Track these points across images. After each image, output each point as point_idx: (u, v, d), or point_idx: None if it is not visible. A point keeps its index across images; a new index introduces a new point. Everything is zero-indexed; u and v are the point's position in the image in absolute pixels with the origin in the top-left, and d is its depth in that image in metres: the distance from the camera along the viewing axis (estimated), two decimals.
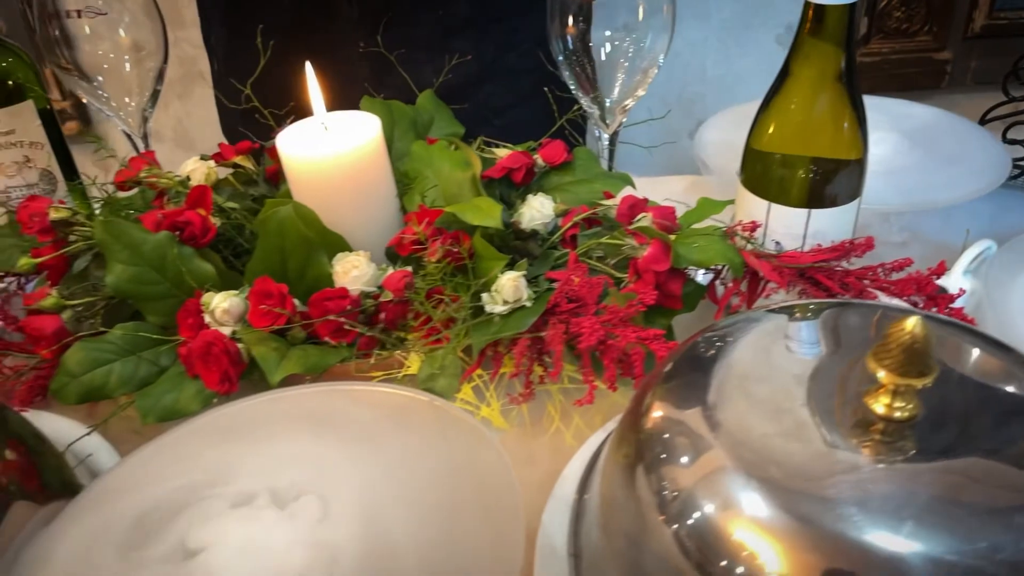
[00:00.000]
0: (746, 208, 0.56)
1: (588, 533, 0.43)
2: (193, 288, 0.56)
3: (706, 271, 0.59)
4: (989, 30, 1.45)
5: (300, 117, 0.68)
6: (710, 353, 0.42)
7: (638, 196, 0.59)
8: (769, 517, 0.34)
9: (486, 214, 0.54)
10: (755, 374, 0.40)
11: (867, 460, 0.34)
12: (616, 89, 0.66)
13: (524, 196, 0.62)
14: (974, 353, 0.39)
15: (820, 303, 0.45)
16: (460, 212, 0.55)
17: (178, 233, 0.57)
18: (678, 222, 0.57)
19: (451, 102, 0.75)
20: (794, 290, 0.54)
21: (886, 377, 0.33)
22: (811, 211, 0.53)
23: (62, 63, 0.70)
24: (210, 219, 0.57)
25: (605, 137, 0.69)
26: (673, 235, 0.55)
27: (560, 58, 0.66)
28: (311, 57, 0.71)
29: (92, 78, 0.70)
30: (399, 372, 0.54)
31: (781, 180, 0.54)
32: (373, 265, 0.56)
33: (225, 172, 0.69)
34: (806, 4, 0.50)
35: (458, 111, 0.74)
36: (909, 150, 0.72)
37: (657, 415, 0.40)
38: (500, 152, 0.66)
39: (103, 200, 0.64)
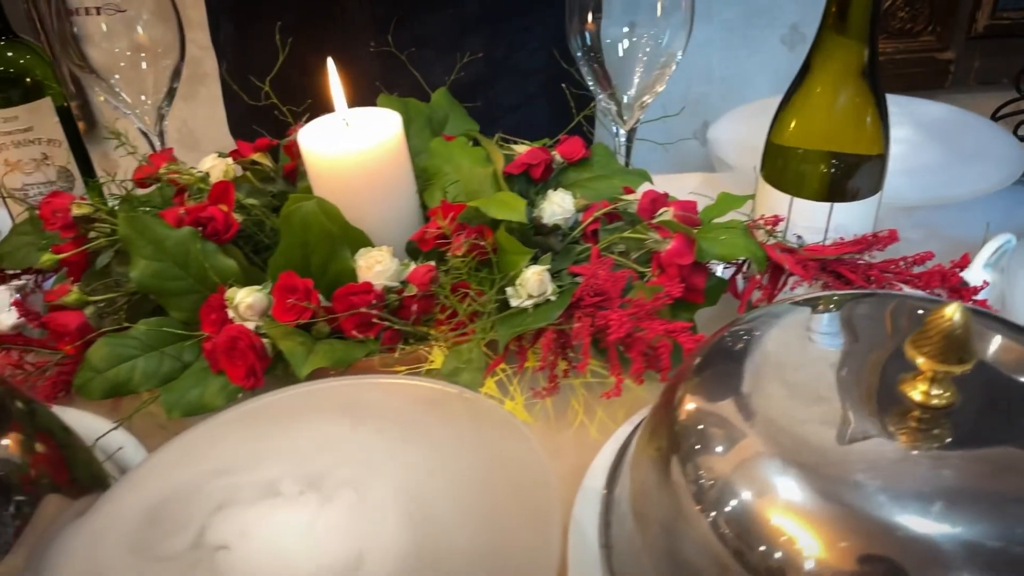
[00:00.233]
0: (767, 202, 0.57)
1: (619, 525, 0.43)
2: (216, 284, 0.56)
3: (727, 265, 0.59)
4: (992, 30, 1.46)
5: (314, 115, 0.68)
6: (741, 344, 0.42)
7: (658, 191, 0.59)
8: (807, 503, 0.34)
9: (511, 208, 0.54)
10: (788, 364, 0.40)
11: (904, 447, 0.34)
12: (634, 85, 0.66)
13: (542, 192, 0.62)
14: (1007, 343, 0.39)
15: (846, 294, 0.46)
16: (484, 206, 0.55)
17: (201, 229, 0.57)
18: (699, 217, 0.58)
19: (461, 101, 0.75)
20: (816, 284, 0.55)
21: (925, 364, 0.33)
22: (833, 205, 0.54)
23: (77, 61, 0.70)
24: (232, 215, 0.57)
25: (623, 133, 0.69)
26: (695, 229, 0.55)
27: (578, 54, 0.66)
28: (321, 56, 0.71)
29: (108, 76, 0.70)
30: (423, 367, 0.54)
31: (803, 174, 0.54)
32: (396, 260, 0.56)
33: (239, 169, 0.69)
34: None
35: (468, 110, 0.75)
36: (924, 146, 0.72)
37: (691, 407, 0.40)
38: (519, 148, 0.66)
39: (121, 197, 0.64)
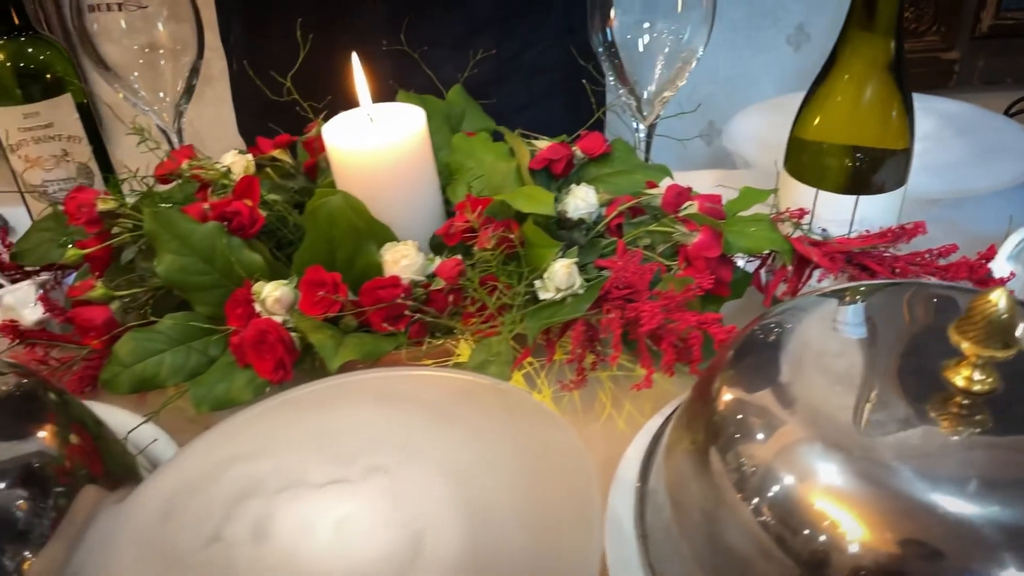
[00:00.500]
0: (792, 196, 0.57)
1: (655, 515, 0.43)
2: (242, 278, 0.56)
3: (750, 258, 0.59)
4: (996, 30, 1.47)
5: (331, 112, 0.68)
6: (775, 335, 0.42)
7: (682, 185, 0.60)
8: (850, 489, 0.34)
9: (538, 201, 0.54)
10: (826, 352, 0.40)
11: (946, 433, 0.35)
12: (654, 81, 0.66)
13: (563, 187, 0.62)
14: None
15: (876, 284, 0.46)
16: (511, 200, 0.55)
17: (226, 224, 0.57)
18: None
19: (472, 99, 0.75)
20: (841, 276, 0.55)
21: (969, 348, 0.33)
22: (859, 198, 0.54)
23: (96, 57, 0.70)
24: (258, 209, 0.58)
25: (642, 129, 0.69)
26: (720, 223, 0.55)
27: (599, 50, 0.66)
28: (333, 55, 0.71)
29: (128, 73, 0.70)
30: (450, 360, 0.55)
31: (829, 168, 0.54)
32: (422, 254, 0.57)
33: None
34: None
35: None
36: (943, 141, 0.72)
37: (729, 397, 0.40)
38: (539, 144, 0.67)
39: (142, 193, 0.64)
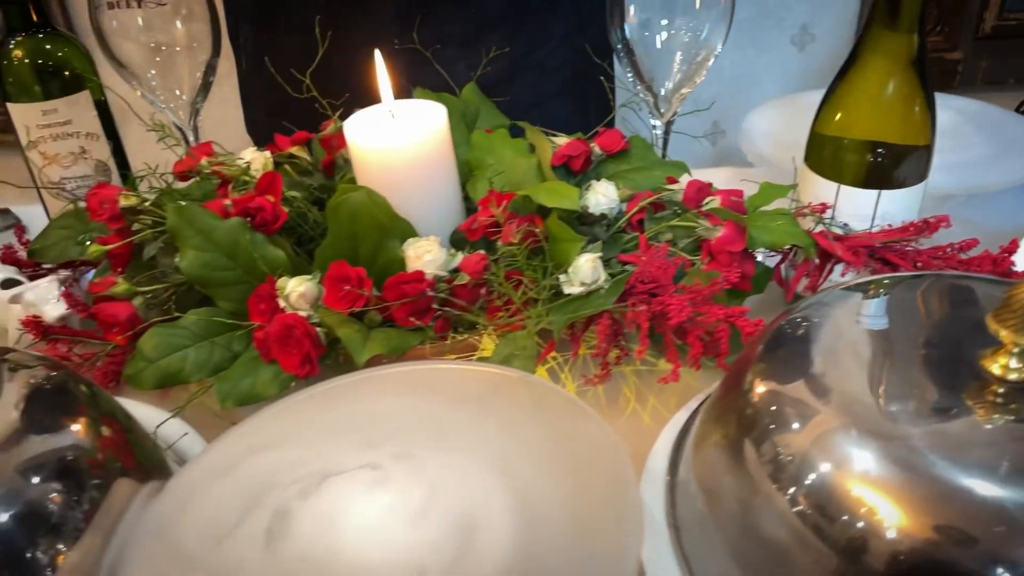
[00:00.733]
0: (813, 191, 0.57)
1: (687, 506, 0.44)
2: (265, 274, 0.56)
3: (770, 254, 0.59)
4: (1000, 31, 1.48)
5: (347, 109, 0.68)
6: (805, 328, 0.43)
7: (702, 181, 0.60)
8: (887, 476, 0.34)
9: (562, 196, 0.55)
10: (859, 343, 0.41)
11: (983, 420, 0.35)
12: (673, 78, 0.67)
13: (580, 184, 0.63)
14: None
15: (900, 276, 0.46)
16: (535, 195, 0.55)
17: (249, 219, 0.57)
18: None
19: None
20: (862, 271, 0.55)
21: (1008, 337, 0.34)
22: (881, 192, 0.54)
23: (114, 53, 0.70)
24: (280, 205, 0.58)
25: (660, 125, 0.70)
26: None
27: (618, 47, 0.67)
28: (344, 54, 0.71)
29: (145, 70, 0.70)
30: (474, 355, 0.55)
31: (852, 163, 0.55)
32: (444, 249, 0.57)
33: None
34: None
35: None
36: (957, 137, 0.73)
37: (762, 389, 0.40)
38: (557, 141, 0.67)
39: (160, 190, 0.64)
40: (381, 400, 0.43)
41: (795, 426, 0.38)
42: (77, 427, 0.41)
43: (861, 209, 0.55)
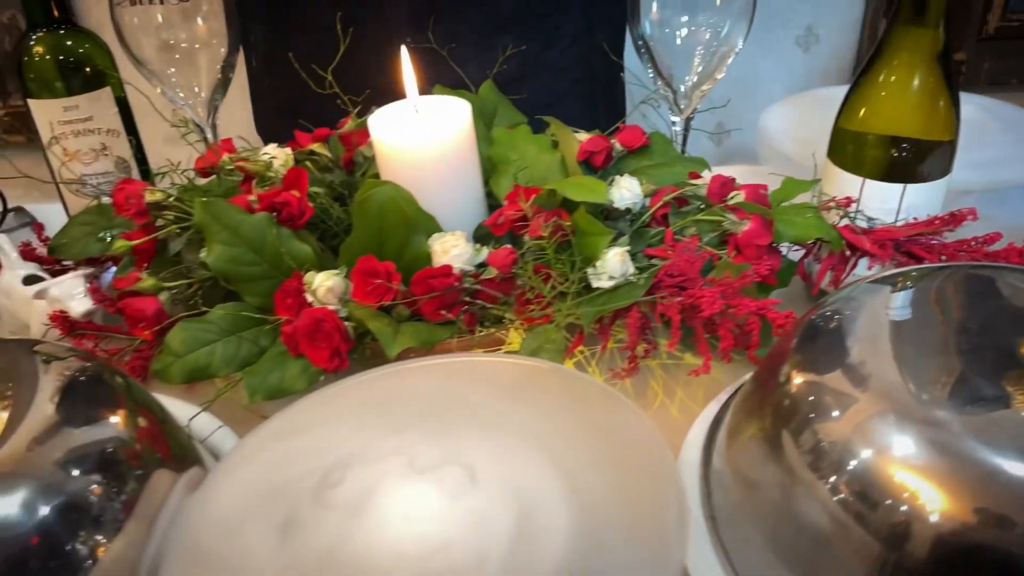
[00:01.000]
0: (836, 185, 0.58)
1: (722, 496, 0.44)
2: (291, 269, 0.56)
3: (794, 247, 0.60)
4: (1003, 32, 1.49)
5: (365, 107, 0.69)
6: (840, 319, 0.43)
7: (725, 175, 0.60)
8: (928, 462, 0.35)
9: (591, 190, 0.55)
10: (895, 333, 0.41)
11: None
12: (693, 75, 0.67)
13: (603, 179, 0.63)
14: None
15: (929, 268, 0.46)
16: (563, 189, 0.55)
17: (275, 214, 0.57)
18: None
19: None
20: (888, 264, 0.56)
21: None
22: (906, 186, 0.55)
23: (133, 50, 0.70)
24: (306, 200, 0.58)
25: (679, 122, 0.70)
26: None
27: (639, 43, 0.67)
28: (357, 52, 0.71)
29: (164, 67, 0.70)
30: (501, 349, 0.55)
31: (877, 158, 0.55)
32: (470, 244, 0.57)
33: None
34: None
35: None
36: (974, 133, 0.73)
37: (799, 380, 0.41)
38: (578, 137, 0.67)
39: (182, 187, 0.64)
40: (419, 390, 0.43)
41: (835, 414, 0.38)
42: (116, 418, 0.41)
43: (886, 203, 0.55)
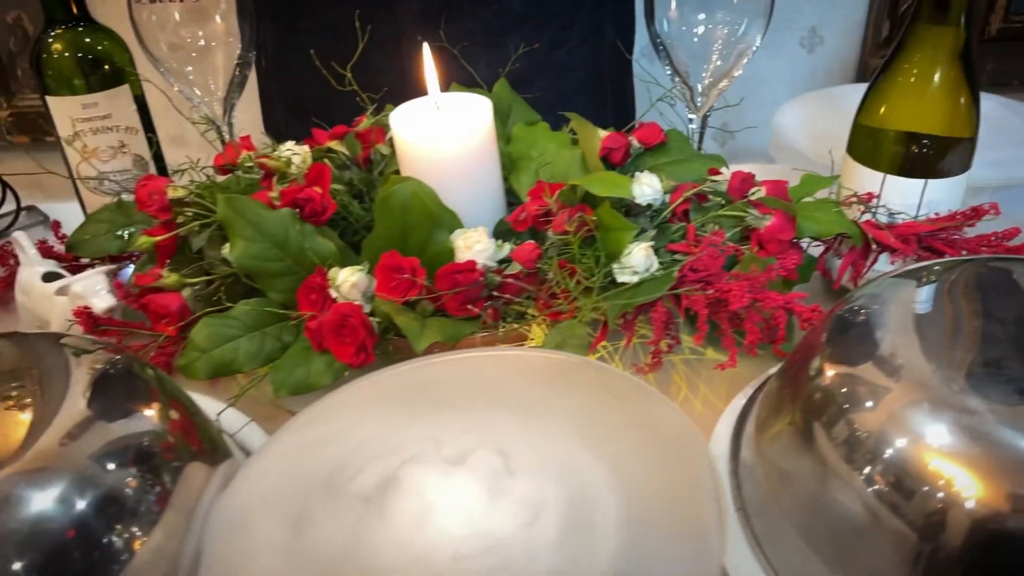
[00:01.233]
0: (857, 180, 0.58)
1: (753, 488, 0.44)
2: (314, 265, 0.56)
3: (815, 243, 0.60)
4: (1005, 33, 1.50)
5: (379, 105, 0.69)
6: (868, 312, 0.43)
7: (745, 171, 0.61)
8: (966, 448, 0.35)
9: (615, 186, 0.55)
10: (925, 325, 0.41)
11: None
12: (710, 73, 0.67)
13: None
14: None
15: (953, 261, 0.47)
16: (587, 184, 0.56)
17: (298, 211, 0.57)
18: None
19: None
20: (909, 259, 0.56)
21: None
22: (928, 181, 0.55)
23: (150, 48, 0.70)
24: (329, 196, 0.58)
25: (696, 119, 0.70)
26: None
27: (656, 40, 0.67)
28: (370, 51, 0.71)
29: (182, 65, 0.71)
30: (525, 344, 0.55)
31: (898, 153, 0.55)
32: (492, 240, 0.57)
33: None
34: None
35: None
36: (990, 130, 0.74)
37: (831, 373, 0.41)
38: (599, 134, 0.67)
39: (202, 184, 0.64)
40: (451, 381, 0.43)
41: (869, 404, 0.38)
42: (149, 411, 0.41)
43: (907, 198, 0.56)
